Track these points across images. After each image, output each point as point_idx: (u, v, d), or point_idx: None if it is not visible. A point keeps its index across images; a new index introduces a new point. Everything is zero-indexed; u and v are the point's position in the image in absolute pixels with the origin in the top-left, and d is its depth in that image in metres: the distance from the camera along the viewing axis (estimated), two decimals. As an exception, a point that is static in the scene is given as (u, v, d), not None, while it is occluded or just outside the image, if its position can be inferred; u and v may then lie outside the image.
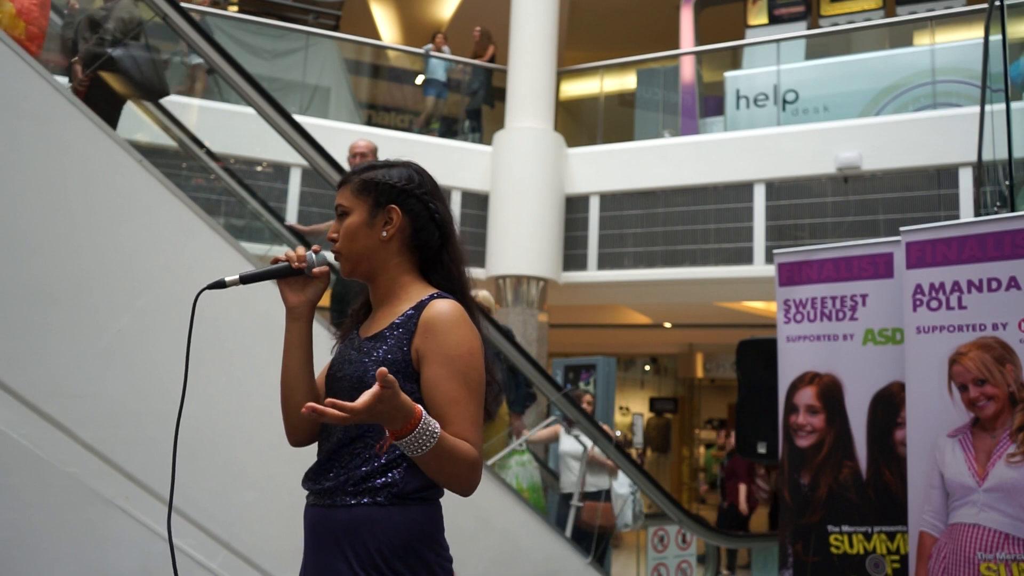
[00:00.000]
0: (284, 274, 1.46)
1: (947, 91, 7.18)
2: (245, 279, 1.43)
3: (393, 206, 1.43)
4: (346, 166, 3.67)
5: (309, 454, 1.55)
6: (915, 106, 7.32)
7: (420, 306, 1.39)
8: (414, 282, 1.45)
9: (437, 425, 1.24)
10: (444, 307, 1.37)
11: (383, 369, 1.15)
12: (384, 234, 1.43)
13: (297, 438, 1.53)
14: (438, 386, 1.33)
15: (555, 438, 5.09)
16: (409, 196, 1.44)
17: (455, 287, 1.46)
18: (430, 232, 1.45)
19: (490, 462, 4.06)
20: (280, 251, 1.53)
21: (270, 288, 2.98)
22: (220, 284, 1.41)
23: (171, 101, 4.59)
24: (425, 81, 9.17)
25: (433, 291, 1.42)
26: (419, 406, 1.22)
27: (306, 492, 1.47)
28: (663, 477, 12.87)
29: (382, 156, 8.26)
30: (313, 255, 1.45)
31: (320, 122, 7.47)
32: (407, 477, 1.35)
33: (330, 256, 1.49)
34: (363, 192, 1.44)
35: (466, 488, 1.32)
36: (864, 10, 9.32)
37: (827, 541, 2.90)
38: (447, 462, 1.26)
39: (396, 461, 1.36)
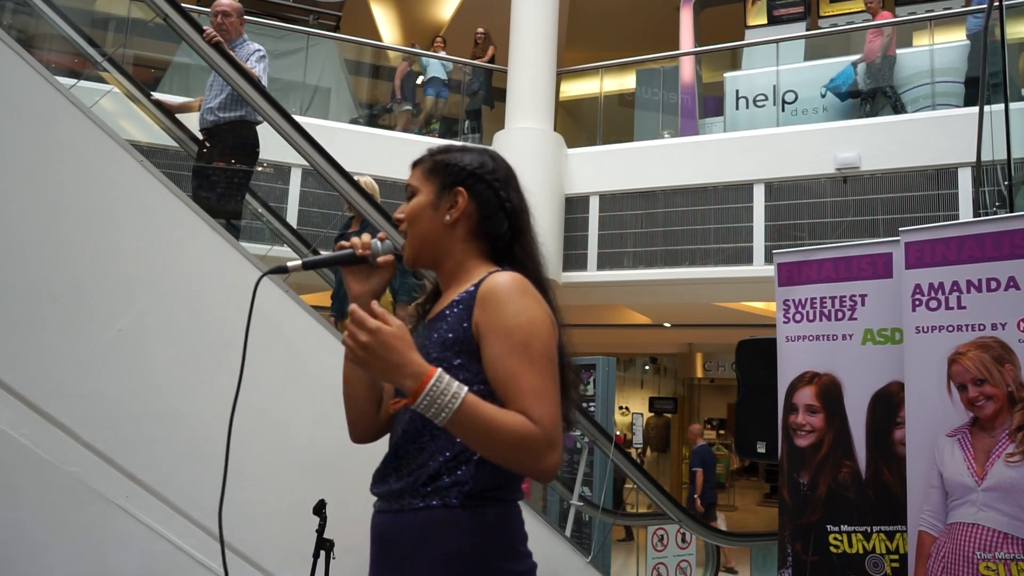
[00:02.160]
0: (347, 261, 1.37)
1: (946, 91, 7.18)
2: (307, 265, 1.37)
3: (460, 189, 1.34)
4: (346, 165, 3.66)
5: (309, 455, 1.55)
6: (914, 106, 7.33)
7: (481, 282, 1.28)
8: (480, 265, 1.34)
9: (461, 390, 1.13)
10: (503, 278, 1.26)
11: (353, 306, 1.09)
12: (448, 218, 1.34)
13: (359, 433, 1.43)
14: (497, 362, 1.20)
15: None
16: (479, 181, 1.35)
17: (543, 288, 1.33)
18: (499, 221, 1.35)
19: None
20: (281, 251, 1.53)
21: (271, 289, 2.99)
22: (282, 269, 1.35)
23: (171, 101, 4.61)
24: (425, 81, 9.18)
25: (495, 268, 1.31)
26: (419, 360, 1.14)
27: (374, 499, 1.36)
28: (663, 477, 12.87)
29: (383, 155, 8.24)
30: (379, 243, 1.37)
31: (320, 122, 7.47)
32: (479, 473, 1.23)
33: (400, 239, 1.41)
34: (432, 173, 1.37)
35: (529, 469, 1.16)
36: (864, 10, 9.32)
37: (826, 540, 2.90)
38: (484, 436, 1.13)
39: (464, 455, 1.23)
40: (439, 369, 1.14)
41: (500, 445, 1.14)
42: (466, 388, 1.14)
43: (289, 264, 1.35)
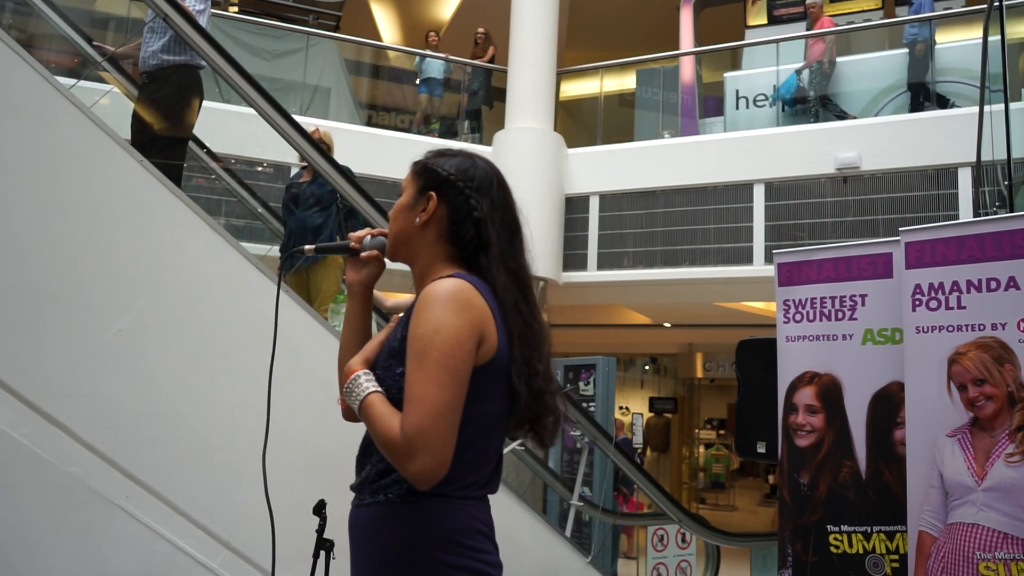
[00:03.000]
0: (342, 252, 1.52)
1: (946, 91, 7.18)
2: (319, 250, 1.54)
3: (431, 193, 1.39)
4: (348, 167, 3.67)
5: (309, 455, 1.56)
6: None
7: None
8: (445, 270, 1.37)
9: (368, 390, 1.28)
10: (435, 287, 1.29)
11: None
12: (418, 220, 1.39)
13: (349, 413, 1.49)
14: (405, 366, 1.27)
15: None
16: (451, 187, 1.39)
17: (499, 294, 1.35)
18: (466, 228, 1.38)
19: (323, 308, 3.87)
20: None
21: (269, 289, 2.99)
22: (299, 252, 1.50)
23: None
24: (420, 80, 9.18)
25: (452, 274, 1.34)
26: (356, 362, 1.33)
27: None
28: (663, 477, 12.87)
29: (383, 155, 8.23)
30: (369, 238, 1.48)
31: (320, 122, 7.47)
32: None
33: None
34: (416, 176, 1.44)
35: (400, 471, 1.22)
36: (864, 10, 9.33)
37: (826, 541, 2.90)
38: (372, 434, 1.26)
39: None
40: (360, 371, 1.31)
41: (379, 444, 1.25)
42: (371, 390, 1.28)
43: (305, 248, 1.50)
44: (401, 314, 1.41)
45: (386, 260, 1.51)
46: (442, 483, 1.25)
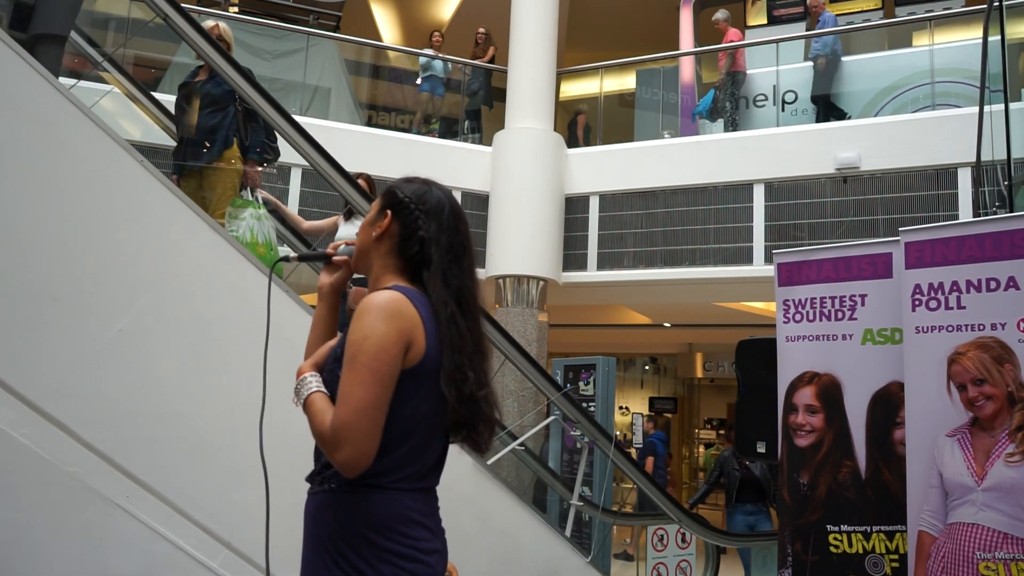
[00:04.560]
0: (317, 259, 1.71)
1: (946, 91, 7.19)
2: (301, 258, 1.82)
3: (388, 211, 1.57)
4: (346, 165, 3.67)
5: (309, 455, 1.56)
6: (914, 106, 7.33)
7: None
8: (391, 281, 1.54)
9: (312, 389, 1.45)
10: (372, 297, 1.46)
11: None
12: (374, 234, 1.57)
13: None
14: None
15: (333, 226, 4.53)
16: (403, 208, 1.56)
17: (434, 306, 1.50)
18: (411, 245, 1.54)
19: (221, 213, 3.71)
20: (281, 251, 1.61)
21: (271, 290, 2.99)
22: (285, 259, 1.85)
23: (171, 101, 4.59)
24: (423, 77, 9.18)
25: (394, 284, 1.52)
26: (306, 366, 1.51)
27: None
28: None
29: (383, 155, 8.22)
30: (344, 246, 1.66)
31: (320, 122, 7.48)
32: None
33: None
34: (382, 196, 1.62)
35: (328, 457, 1.37)
36: (863, 10, 9.33)
37: (826, 540, 2.90)
38: (311, 426, 1.42)
39: None
40: (308, 372, 1.49)
41: (315, 437, 1.42)
42: (314, 389, 1.45)
43: (290, 255, 1.78)
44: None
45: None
46: (378, 475, 1.41)
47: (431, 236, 1.54)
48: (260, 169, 3.97)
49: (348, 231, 4.36)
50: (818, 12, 8.23)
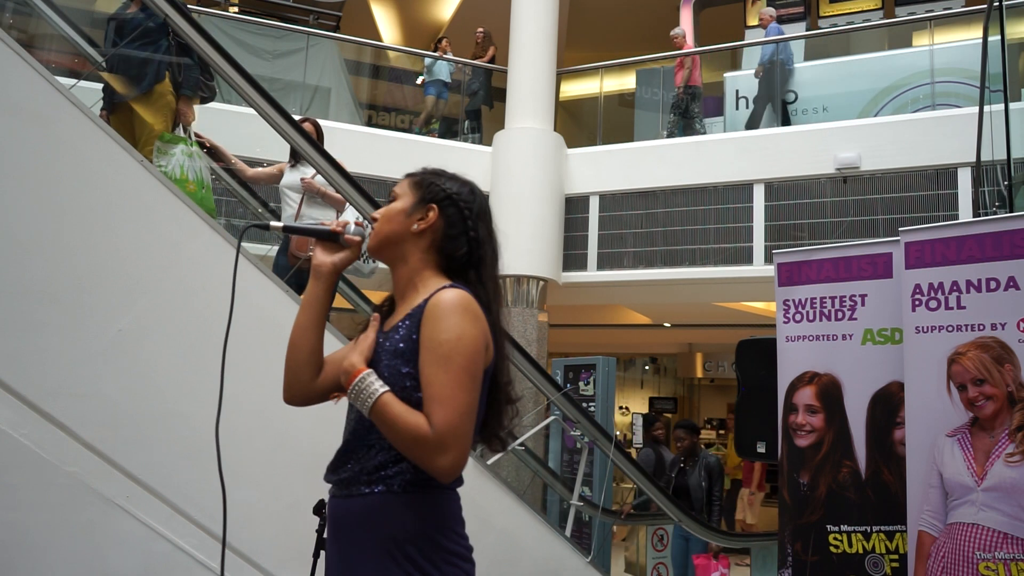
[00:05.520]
0: (321, 235, 1.53)
1: (946, 91, 7.19)
2: (287, 229, 1.60)
3: (433, 206, 1.51)
4: (346, 165, 3.67)
5: (309, 455, 1.57)
6: (914, 106, 7.33)
7: (432, 296, 1.43)
8: (434, 277, 1.48)
9: (380, 390, 1.33)
10: (449, 295, 1.40)
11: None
12: (416, 227, 1.49)
13: (291, 395, 1.59)
14: (423, 369, 1.36)
15: (279, 174, 4.36)
16: (452, 204, 1.52)
17: (487, 307, 1.47)
18: (459, 243, 1.50)
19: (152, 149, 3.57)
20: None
21: (269, 287, 2.99)
22: (264, 227, 1.56)
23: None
24: (427, 81, 9.18)
25: (448, 282, 1.46)
26: (357, 360, 1.38)
27: (328, 485, 1.53)
28: (663, 477, 12.85)
29: (383, 155, 8.20)
30: (353, 226, 1.53)
31: (320, 122, 7.45)
32: (418, 467, 1.37)
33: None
34: (417, 186, 1.54)
35: (425, 466, 1.32)
36: (863, 11, 9.33)
37: (826, 540, 2.90)
38: (390, 431, 1.32)
39: None
40: (367, 370, 1.37)
41: (401, 440, 1.32)
42: (386, 389, 1.34)
43: (271, 224, 1.55)
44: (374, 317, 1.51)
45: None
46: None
47: (483, 238, 1.52)
48: (195, 107, 3.79)
49: (293, 178, 4.22)
50: (765, 24, 8.37)
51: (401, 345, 1.41)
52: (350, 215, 4.03)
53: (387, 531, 1.37)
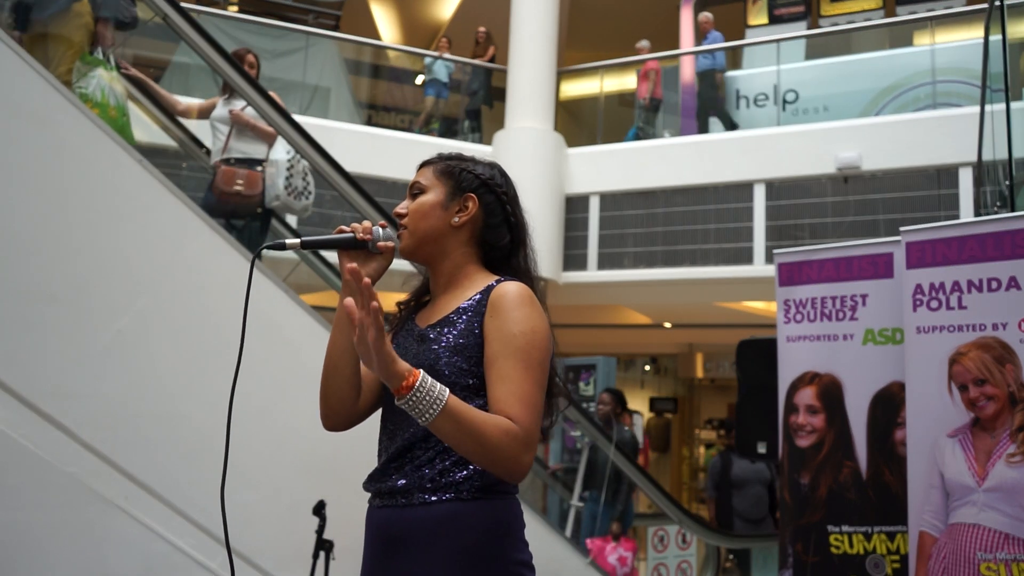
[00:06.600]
0: (347, 245, 1.36)
1: (947, 91, 7.18)
2: (306, 244, 1.36)
3: (471, 195, 1.40)
4: (346, 165, 3.66)
5: (309, 456, 1.56)
6: (915, 106, 7.33)
7: (488, 290, 1.35)
8: (479, 272, 1.41)
9: (444, 393, 1.15)
10: (512, 287, 1.33)
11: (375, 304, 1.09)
12: (456, 220, 1.39)
13: (334, 421, 1.47)
14: (493, 364, 1.27)
15: (211, 107, 4.21)
16: (489, 192, 1.42)
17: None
18: (501, 232, 1.43)
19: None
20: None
21: (270, 289, 2.99)
22: (280, 246, 1.34)
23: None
24: (426, 81, 9.18)
25: (499, 277, 1.39)
26: (419, 370, 1.15)
27: (369, 495, 1.40)
28: (663, 477, 12.86)
29: (383, 155, 8.19)
30: (380, 229, 1.36)
31: (320, 122, 7.46)
32: (485, 471, 1.28)
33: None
34: (445, 175, 1.42)
35: (506, 467, 1.20)
36: (864, 10, 9.32)
37: (827, 541, 2.90)
38: (464, 437, 1.16)
39: None
40: (422, 372, 1.16)
41: (482, 443, 1.17)
42: (447, 390, 1.17)
43: (287, 241, 1.34)
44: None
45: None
46: (504, 480, 1.28)
47: (521, 223, 1.45)
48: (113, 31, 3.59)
49: (224, 111, 4.06)
50: (706, 30, 8.40)
51: (461, 340, 1.31)
52: (281, 150, 3.90)
53: (459, 542, 1.25)
